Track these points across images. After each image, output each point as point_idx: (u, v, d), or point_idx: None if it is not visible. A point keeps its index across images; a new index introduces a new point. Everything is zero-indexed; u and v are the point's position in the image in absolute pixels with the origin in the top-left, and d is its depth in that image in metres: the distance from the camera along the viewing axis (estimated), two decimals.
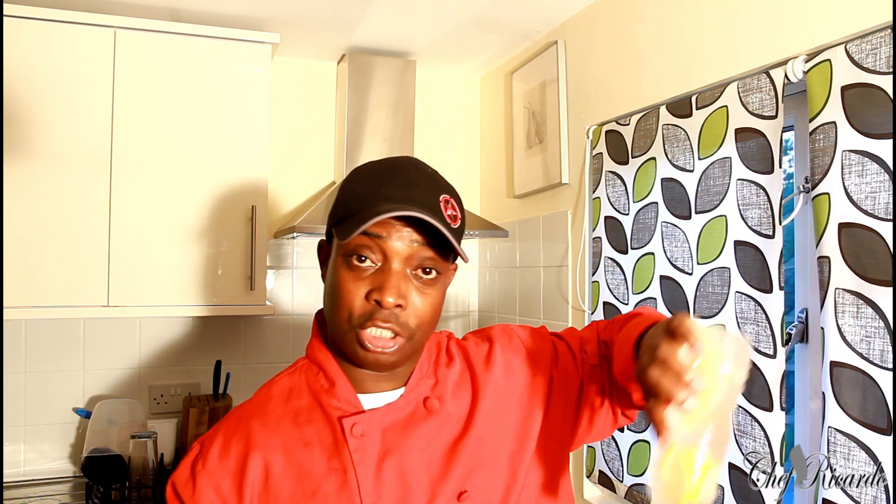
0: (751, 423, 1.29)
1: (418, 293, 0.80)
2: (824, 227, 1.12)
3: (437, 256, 0.80)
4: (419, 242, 0.79)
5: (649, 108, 1.61)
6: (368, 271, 0.79)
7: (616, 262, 1.70)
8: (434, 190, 0.82)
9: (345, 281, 0.79)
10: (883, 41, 1.04)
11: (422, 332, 0.81)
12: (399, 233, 0.78)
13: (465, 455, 0.84)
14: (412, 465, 0.81)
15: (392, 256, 0.78)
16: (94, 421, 1.97)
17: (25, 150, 1.77)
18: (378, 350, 0.78)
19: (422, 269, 0.80)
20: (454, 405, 0.87)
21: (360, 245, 0.78)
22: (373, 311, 0.78)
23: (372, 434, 0.82)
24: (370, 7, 1.93)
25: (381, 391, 0.86)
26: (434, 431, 0.84)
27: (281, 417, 0.84)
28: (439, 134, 2.57)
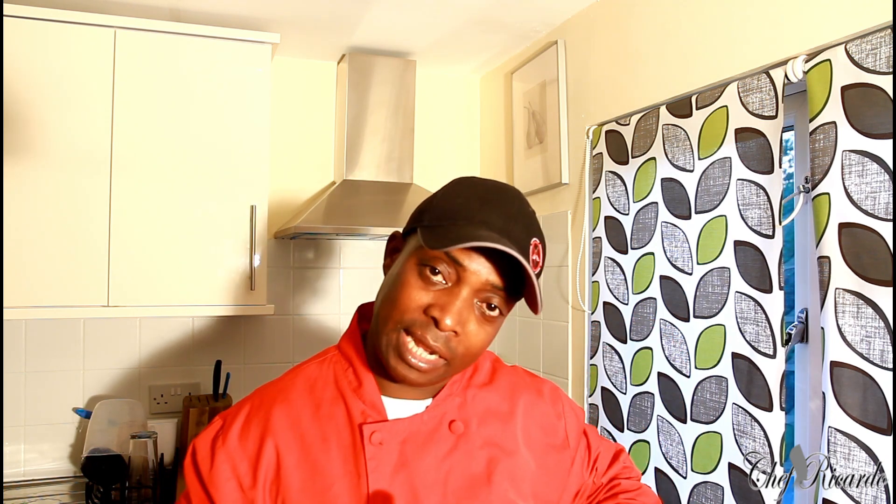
0: (751, 423, 1.29)
1: (477, 325, 0.78)
2: (824, 227, 1.12)
3: (508, 297, 0.79)
4: (496, 277, 0.77)
5: (649, 108, 1.61)
6: (437, 286, 0.77)
7: (616, 262, 1.70)
8: (529, 231, 0.80)
9: (410, 286, 0.77)
10: (883, 41, 1.04)
11: (463, 363, 0.80)
12: (480, 263, 0.76)
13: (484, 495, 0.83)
14: (426, 483, 0.80)
15: (465, 282, 0.76)
16: (94, 421, 1.97)
17: (25, 150, 1.77)
18: (414, 364, 0.77)
19: (487, 304, 0.78)
20: (479, 432, 0.86)
21: (440, 260, 0.77)
22: (426, 326, 0.76)
23: (390, 444, 0.81)
24: (370, 7, 1.93)
25: (407, 398, 0.85)
26: (456, 455, 0.83)
27: (303, 408, 0.84)
28: (439, 134, 2.57)
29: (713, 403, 1.38)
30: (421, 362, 0.77)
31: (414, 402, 0.85)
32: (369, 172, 2.25)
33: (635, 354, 1.62)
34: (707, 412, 1.40)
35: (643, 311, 1.60)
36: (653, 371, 1.56)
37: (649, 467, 1.56)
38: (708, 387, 1.40)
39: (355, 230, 2.04)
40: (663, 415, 1.53)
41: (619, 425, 1.66)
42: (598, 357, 1.75)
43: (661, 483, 1.53)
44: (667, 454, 1.52)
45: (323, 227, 1.97)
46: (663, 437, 1.53)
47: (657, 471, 1.54)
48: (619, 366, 1.68)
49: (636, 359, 1.62)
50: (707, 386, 1.40)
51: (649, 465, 1.56)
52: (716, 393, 1.37)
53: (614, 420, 1.68)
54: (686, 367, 1.46)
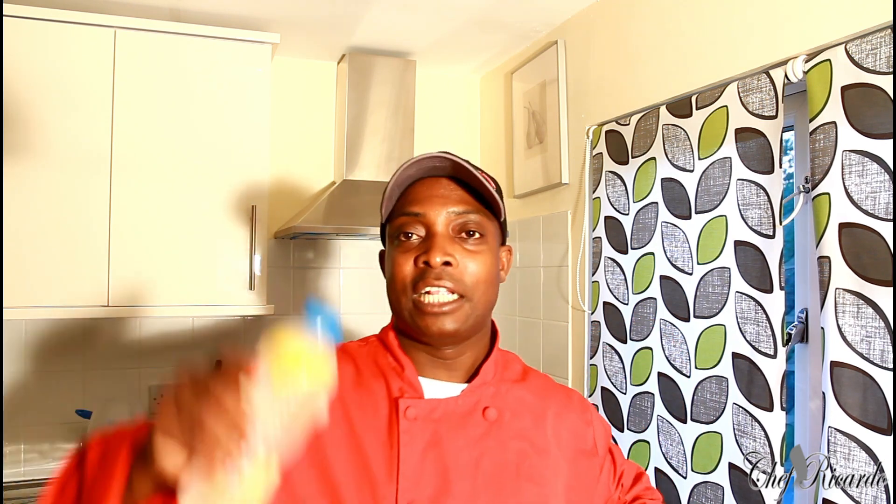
0: (751, 423, 1.29)
1: (467, 254, 0.83)
2: (824, 227, 1.12)
3: (479, 216, 0.85)
4: (456, 205, 0.84)
5: (649, 108, 1.61)
6: (416, 242, 0.84)
7: (616, 262, 1.70)
8: (467, 163, 0.85)
9: (397, 258, 0.85)
10: (883, 41, 1.04)
11: (481, 292, 0.83)
12: (435, 201, 0.84)
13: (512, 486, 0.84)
14: (458, 464, 0.82)
15: (433, 223, 0.83)
16: (94, 421, 1.97)
17: (25, 150, 1.77)
18: (437, 311, 0.81)
19: (465, 231, 0.84)
20: (512, 424, 0.88)
21: (403, 224, 0.84)
22: (424, 272, 0.81)
23: (424, 421, 0.83)
24: (370, 7, 1.93)
25: (443, 380, 0.87)
26: (488, 442, 0.85)
27: (344, 374, 0.86)
28: (439, 134, 2.57)
29: (713, 403, 1.38)
30: (441, 306, 0.81)
31: (450, 384, 0.88)
32: (369, 172, 2.25)
33: (635, 354, 1.62)
34: (707, 412, 1.40)
35: (643, 311, 1.60)
36: (653, 371, 1.56)
37: (649, 467, 1.56)
38: (708, 387, 1.40)
39: (355, 230, 2.04)
40: (663, 415, 1.53)
41: (619, 425, 1.66)
42: (598, 357, 1.75)
43: (661, 483, 1.53)
44: (667, 454, 1.52)
45: (323, 227, 1.97)
46: (663, 437, 1.53)
47: (657, 471, 1.54)
48: (619, 366, 1.68)
49: (636, 359, 1.62)
50: (707, 386, 1.40)
51: (649, 466, 1.56)
52: (716, 393, 1.37)
53: (614, 420, 1.68)
54: (686, 367, 1.46)
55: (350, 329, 2.41)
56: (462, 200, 0.85)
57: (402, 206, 0.86)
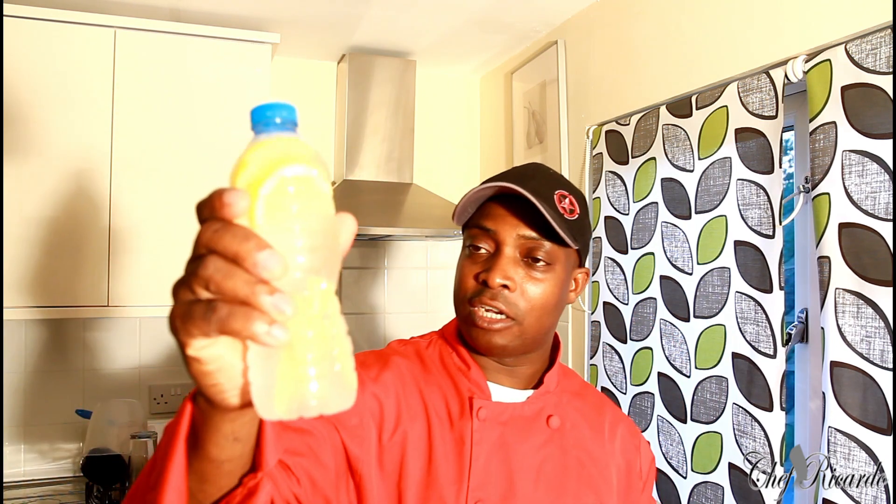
0: (751, 423, 1.28)
1: (530, 280, 0.83)
2: (824, 227, 1.12)
3: (550, 246, 0.84)
4: (528, 230, 0.83)
5: (649, 108, 1.61)
6: (484, 256, 0.86)
7: (616, 262, 1.70)
8: (550, 185, 0.85)
9: (463, 266, 0.87)
10: (883, 41, 1.04)
11: (534, 318, 0.84)
12: (508, 221, 0.84)
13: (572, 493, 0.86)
14: (522, 467, 0.84)
15: (502, 243, 0.84)
16: (94, 421, 1.97)
17: (26, 150, 1.77)
18: (485, 326, 0.82)
19: (532, 257, 0.84)
20: (572, 433, 0.90)
21: (475, 236, 0.86)
22: (481, 291, 0.83)
23: (493, 423, 0.84)
24: (370, 7, 1.93)
25: (507, 386, 0.89)
26: (550, 448, 0.87)
27: (418, 368, 0.89)
28: (439, 134, 2.57)
29: (713, 403, 1.38)
30: (490, 323, 0.82)
31: (514, 391, 0.89)
32: (369, 172, 2.25)
33: (635, 354, 1.62)
34: (707, 412, 1.40)
35: (643, 311, 1.60)
36: (653, 371, 1.56)
37: None
38: (708, 387, 1.40)
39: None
40: (663, 415, 1.53)
41: None
42: (598, 357, 1.75)
43: (661, 483, 1.53)
44: (667, 454, 1.52)
45: None
46: (663, 437, 1.53)
47: (657, 471, 1.54)
48: (619, 366, 1.68)
49: (636, 359, 1.62)
50: (707, 386, 1.40)
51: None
52: (716, 393, 1.37)
53: None
54: (686, 367, 1.46)
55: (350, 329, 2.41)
56: (535, 226, 0.84)
57: (478, 218, 0.87)
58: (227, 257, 0.39)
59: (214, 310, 0.38)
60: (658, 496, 1.54)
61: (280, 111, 0.42)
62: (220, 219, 0.40)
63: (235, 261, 0.38)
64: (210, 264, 0.39)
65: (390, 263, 2.46)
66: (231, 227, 0.39)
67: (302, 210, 0.41)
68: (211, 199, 0.40)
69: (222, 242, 0.39)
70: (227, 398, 0.44)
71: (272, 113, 0.42)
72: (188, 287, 0.40)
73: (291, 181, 0.41)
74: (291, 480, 0.69)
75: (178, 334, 0.40)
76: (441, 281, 2.54)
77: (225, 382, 0.43)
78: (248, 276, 0.38)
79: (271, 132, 0.42)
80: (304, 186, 0.41)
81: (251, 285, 0.38)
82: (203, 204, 0.41)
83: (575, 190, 0.88)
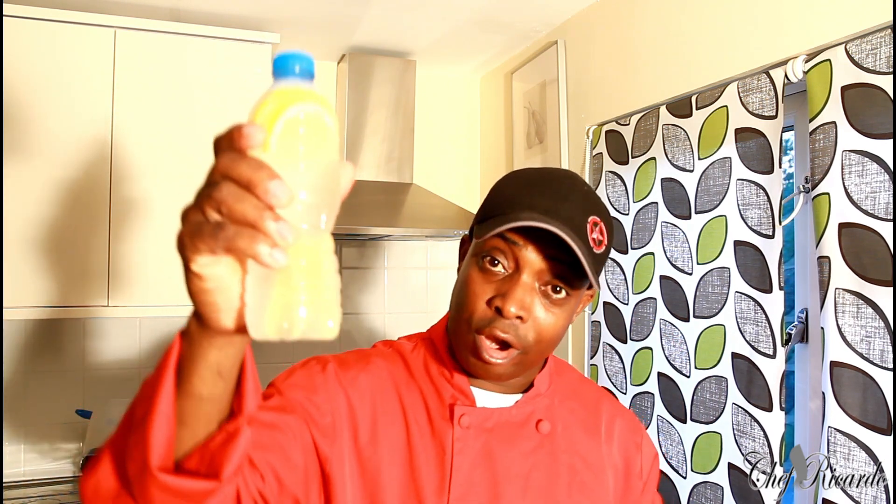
0: (750, 423, 1.28)
1: (543, 309, 0.77)
2: (824, 227, 1.12)
3: (571, 277, 0.77)
4: (555, 258, 0.76)
5: (649, 108, 1.61)
6: (498, 276, 0.77)
7: (616, 262, 1.70)
8: (585, 209, 0.77)
9: (472, 281, 0.78)
10: (883, 41, 1.04)
11: (539, 349, 0.79)
12: (536, 245, 0.75)
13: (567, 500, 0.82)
14: (509, 476, 0.80)
15: (524, 267, 0.76)
16: (94, 421, 1.97)
17: (25, 150, 1.77)
18: (489, 360, 0.76)
19: (551, 286, 0.77)
20: (564, 438, 0.86)
21: (495, 248, 0.77)
22: (492, 319, 0.76)
23: (477, 430, 0.81)
24: (370, 7, 1.93)
25: (494, 391, 0.85)
26: (540, 455, 0.83)
27: (400, 371, 0.85)
28: (439, 134, 2.57)
29: (713, 403, 1.38)
30: (496, 359, 0.77)
31: (502, 395, 0.85)
32: (369, 172, 2.25)
33: (635, 354, 1.62)
34: (707, 412, 1.40)
35: (643, 311, 1.60)
36: (653, 371, 1.56)
37: None
38: (708, 387, 1.40)
39: (355, 230, 2.03)
40: (663, 415, 1.53)
41: None
42: (599, 357, 1.75)
43: (661, 483, 1.53)
44: (667, 454, 1.52)
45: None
46: (663, 437, 1.53)
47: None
48: (619, 366, 1.68)
49: (636, 359, 1.62)
50: (707, 386, 1.40)
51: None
52: (716, 393, 1.37)
53: None
54: (686, 367, 1.46)
55: (350, 329, 2.42)
56: (564, 258, 0.76)
57: (502, 223, 0.75)
58: (241, 184, 0.42)
59: (223, 228, 0.42)
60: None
61: (300, 61, 0.47)
62: (236, 150, 0.43)
63: (248, 187, 0.42)
64: (224, 188, 0.42)
65: (390, 263, 2.46)
66: (246, 157, 0.43)
67: (310, 150, 0.45)
68: (230, 132, 0.44)
69: (237, 170, 0.42)
70: (222, 318, 0.47)
71: (292, 62, 0.46)
72: (199, 209, 0.44)
73: (303, 122, 0.45)
74: (255, 476, 0.66)
75: (184, 250, 0.44)
76: (441, 281, 2.54)
77: (222, 302, 0.46)
78: (257, 202, 0.42)
79: (290, 79, 0.46)
80: (314, 128, 0.45)
81: (259, 210, 0.42)
82: (221, 137, 0.45)
83: (605, 211, 0.81)
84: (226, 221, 0.42)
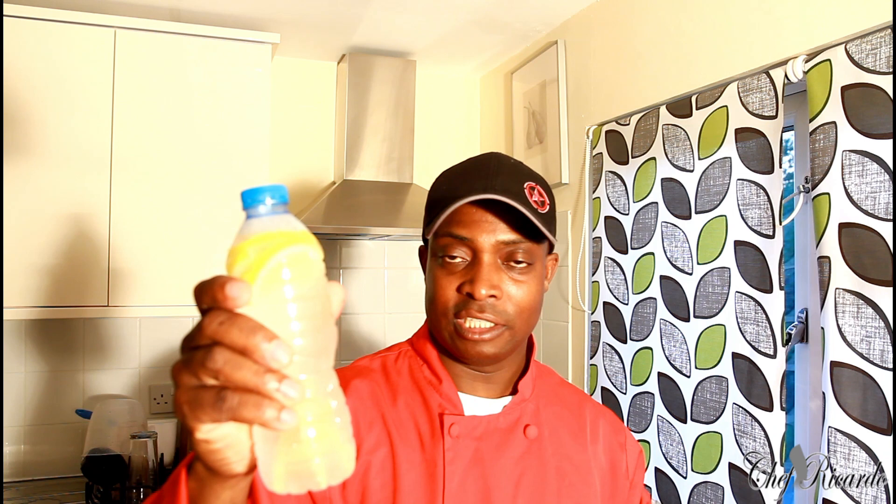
0: (751, 423, 1.28)
1: (513, 283, 0.80)
2: (824, 227, 1.12)
3: (528, 242, 0.80)
4: (506, 233, 0.79)
5: (649, 108, 1.61)
6: (461, 266, 0.80)
7: (616, 261, 1.70)
8: (517, 179, 0.81)
9: (439, 277, 0.81)
10: (883, 41, 1.04)
11: (522, 320, 0.81)
12: (484, 227, 0.79)
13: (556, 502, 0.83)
14: (499, 483, 0.80)
15: (481, 250, 0.79)
16: (94, 421, 1.97)
17: (25, 150, 1.77)
18: (476, 338, 0.78)
19: (513, 259, 0.80)
20: (551, 441, 0.86)
21: (448, 245, 0.80)
22: (467, 303, 0.78)
23: (467, 439, 0.81)
24: (370, 7, 1.93)
25: (482, 396, 0.85)
26: (528, 460, 0.83)
27: (382, 390, 0.84)
28: (439, 134, 2.57)
29: (713, 403, 1.38)
30: (481, 333, 0.78)
31: (489, 400, 0.85)
32: (369, 172, 2.25)
33: (635, 354, 1.62)
34: (707, 412, 1.40)
35: (643, 311, 1.60)
36: (653, 371, 1.56)
37: (650, 467, 1.56)
38: (708, 387, 1.40)
39: (355, 230, 2.03)
40: (663, 415, 1.53)
41: None
42: (598, 357, 1.75)
43: (661, 483, 1.53)
44: (667, 454, 1.52)
45: (323, 227, 1.97)
46: (663, 437, 1.53)
47: (657, 471, 1.54)
48: (619, 366, 1.68)
49: (636, 359, 1.62)
50: (707, 386, 1.40)
51: (650, 466, 1.56)
52: (716, 393, 1.37)
53: None
54: (686, 367, 1.46)
55: (350, 329, 2.42)
56: (512, 228, 0.79)
57: (449, 226, 0.80)
58: (235, 350, 0.40)
59: (224, 399, 0.40)
60: (658, 496, 1.54)
61: (271, 193, 0.44)
62: (224, 309, 0.41)
63: (244, 353, 0.40)
64: (218, 357, 0.40)
65: (390, 263, 2.46)
66: (236, 319, 0.41)
67: (299, 293, 0.42)
68: (212, 290, 0.41)
69: (230, 336, 0.40)
70: (234, 468, 0.46)
71: (263, 195, 0.43)
72: (193, 374, 0.41)
73: (288, 266, 0.42)
74: None
75: (185, 419, 0.42)
76: None
77: (232, 456, 0.45)
78: (256, 367, 0.40)
79: (262, 216, 0.43)
80: (300, 269, 0.43)
81: (260, 375, 0.40)
82: (203, 291, 0.42)
83: (538, 177, 0.85)
84: (226, 388, 0.40)
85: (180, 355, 0.43)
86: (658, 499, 1.54)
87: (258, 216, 0.43)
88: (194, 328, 0.43)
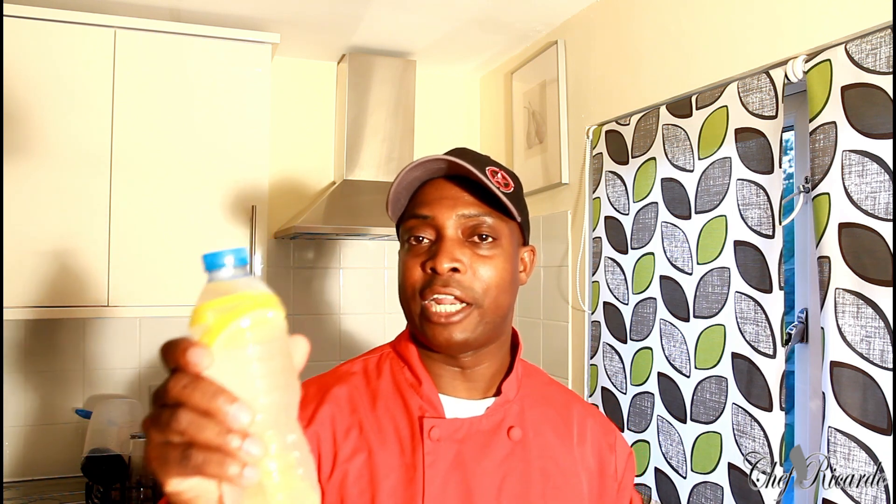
0: (751, 424, 1.29)
1: (478, 259, 0.80)
2: (824, 227, 1.12)
3: (493, 220, 0.81)
4: (467, 207, 0.80)
5: (649, 108, 1.61)
6: (426, 246, 0.81)
7: (616, 262, 1.70)
8: (480, 163, 0.82)
9: (406, 261, 0.82)
10: (883, 41, 1.04)
11: (491, 298, 0.80)
12: (445, 203, 0.80)
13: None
14: (482, 486, 0.79)
15: (443, 226, 0.80)
16: (94, 421, 1.97)
17: (25, 150, 1.77)
18: (444, 321, 0.78)
19: (478, 235, 0.80)
20: (536, 443, 0.85)
21: (413, 227, 0.82)
22: (432, 279, 0.78)
23: (448, 442, 0.80)
24: (370, 7, 1.93)
25: (463, 398, 0.84)
26: (512, 462, 0.82)
27: (361, 395, 0.84)
28: (439, 134, 2.57)
29: (713, 403, 1.38)
30: (448, 317, 0.78)
31: (471, 402, 0.84)
32: (369, 172, 2.25)
33: (635, 354, 1.62)
34: (707, 412, 1.40)
35: (643, 311, 1.60)
36: (653, 371, 1.56)
37: (649, 467, 1.56)
38: (708, 387, 1.40)
39: (355, 230, 2.03)
40: (663, 415, 1.53)
41: (620, 425, 1.66)
42: (598, 357, 1.75)
43: (661, 483, 1.53)
44: (667, 454, 1.52)
45: (323, 227, 1.97)
46: (663, 437, 1.53)
47: (657, 471, 1.54)
48: (619, 366, 1.68)
49: (636, 359, 1.62)
50: (707, 386, 1.40)
51: (649, 465, 1.56)
52: (716, 393, 1.37)
53: (615, 420, 1.68)
54: (686, 367, 1.46)
55: (349, 329, 2.42)
56: (473, 202, 0.80)
57: (412, 208, 0.83)
58: (199, 412, 0.43)
59: (189, 457, 0.43)
60: (658, 496, 1.54)
61: (230, 256, 0.47)
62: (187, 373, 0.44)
63: (206, 415, 0.43)
64: (183, 418, 0.43)
65: (390, 263, 2.46)
66: (199, 382, 0.43)
67: (258, 354, 0.45)
68: (175, 354, 0.44)
69: (193, 399, 0.43)
70: None
71: (223, 259, 0.47)
72: (160, 431, 0.44)
73: (248, 330, 0.45)
74: None
75: (156, 474, 0.45)
76: None
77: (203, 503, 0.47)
78: (219, 428, 0.43)
79: (223, 279, 0.47)
80: (259, 332, 0.45)
81: (223, 435, 0.43)
82: (168, 353, 0.45)
83: (505, 167, 0.86)
84: (192, 447, 0.43)
85: (149, 409, 0.46)
86: (658, 499, 1.54)
87: (219, 279, 0.47)
88: (161, 386, 0.45)
